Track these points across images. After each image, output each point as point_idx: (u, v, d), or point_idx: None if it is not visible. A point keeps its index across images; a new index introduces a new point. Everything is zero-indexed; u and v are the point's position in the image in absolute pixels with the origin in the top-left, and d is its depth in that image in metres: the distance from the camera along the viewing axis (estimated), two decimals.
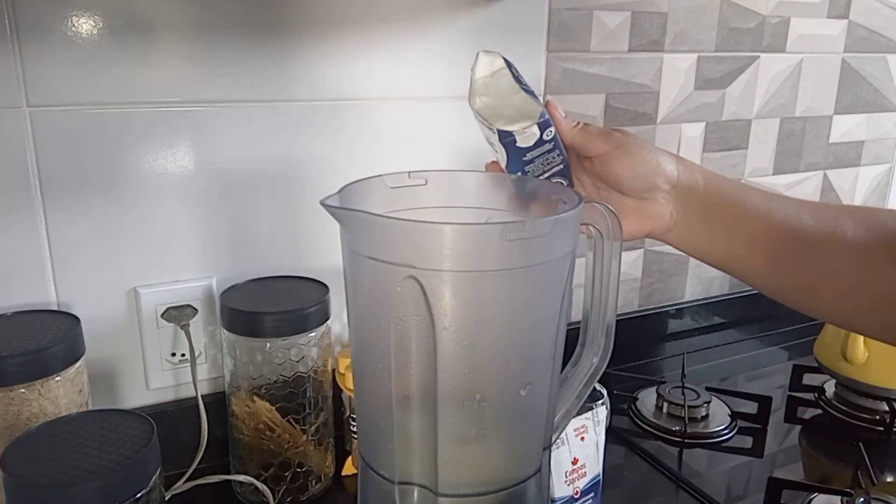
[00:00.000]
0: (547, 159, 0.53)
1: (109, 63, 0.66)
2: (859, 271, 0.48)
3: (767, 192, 0.52)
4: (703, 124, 1.05)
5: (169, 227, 0.72)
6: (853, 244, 0.48)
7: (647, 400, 0.92)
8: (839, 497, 0.71)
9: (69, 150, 0.67)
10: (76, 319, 0.62)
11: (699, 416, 0.88)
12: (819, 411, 0.92)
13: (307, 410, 0.71)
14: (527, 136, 0.52)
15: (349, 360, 0.72)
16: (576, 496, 0.63)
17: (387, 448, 0.49)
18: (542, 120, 0.51)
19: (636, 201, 0.53)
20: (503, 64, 0.51)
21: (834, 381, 0.95)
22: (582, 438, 0.63)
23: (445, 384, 0.45)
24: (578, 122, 0.53)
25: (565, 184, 0.54)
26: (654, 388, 0.92)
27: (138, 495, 0.48)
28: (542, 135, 0.51)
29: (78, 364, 0.60)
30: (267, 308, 0.67)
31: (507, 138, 0.52)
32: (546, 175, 0.54)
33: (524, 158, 0.53)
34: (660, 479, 0.78)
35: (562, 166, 0.54)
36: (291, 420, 0.70)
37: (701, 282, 1.13)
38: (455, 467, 0.48)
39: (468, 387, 0.47)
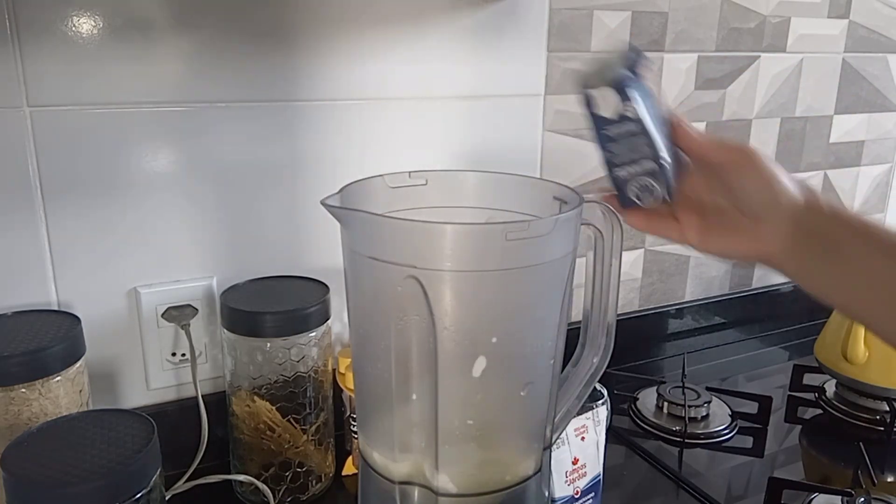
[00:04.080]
0: (633, 145, 0.46)
1: (109, 63, 0.66)
2: None
3: None
4: (704, 124, 1.05)
5: (169, 226, 0.72)
6: None
7: (647, 400, 0.92)
8: (839, 497, 0.70)
9: (69, 150, 0.67)
10: (76, 319, 0.62)
11: (699, 416, 0.88)
12: (819, 411, 0.92)
13: (307, 410, 0.71)
14: (606, 102, 0.45)
15: (349, 359, 0.72)
16: (576, 496, 0.63)
17: (387, 447, 0.49)
18: (619, 84, 0.44)
19: (752, 221, 0.48)
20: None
21: (834, 381, 0.95)
22: (582, 438, 0.63)
23: (446, 383, 0.45)
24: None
25: (658, 190, 0.48)
26: (655, 388, 0.92)
27: (138, 495, 0.48)
28: (623, 108, 0.44)
29: (78, 364, 0.60)
30: (267, 308, 0.67)
31: (586, 103, 0.46)
32: (634, 168, 0.47)
33: (607, 133, 0.47)
34: (660, 479, 0.78)
35: (653, 164, 0.47)
36: (292, 420, 0.70)
37: (701, 282, 1.13)
38: (455, 467, 0.48)
39: (468, 386, 0.47)
